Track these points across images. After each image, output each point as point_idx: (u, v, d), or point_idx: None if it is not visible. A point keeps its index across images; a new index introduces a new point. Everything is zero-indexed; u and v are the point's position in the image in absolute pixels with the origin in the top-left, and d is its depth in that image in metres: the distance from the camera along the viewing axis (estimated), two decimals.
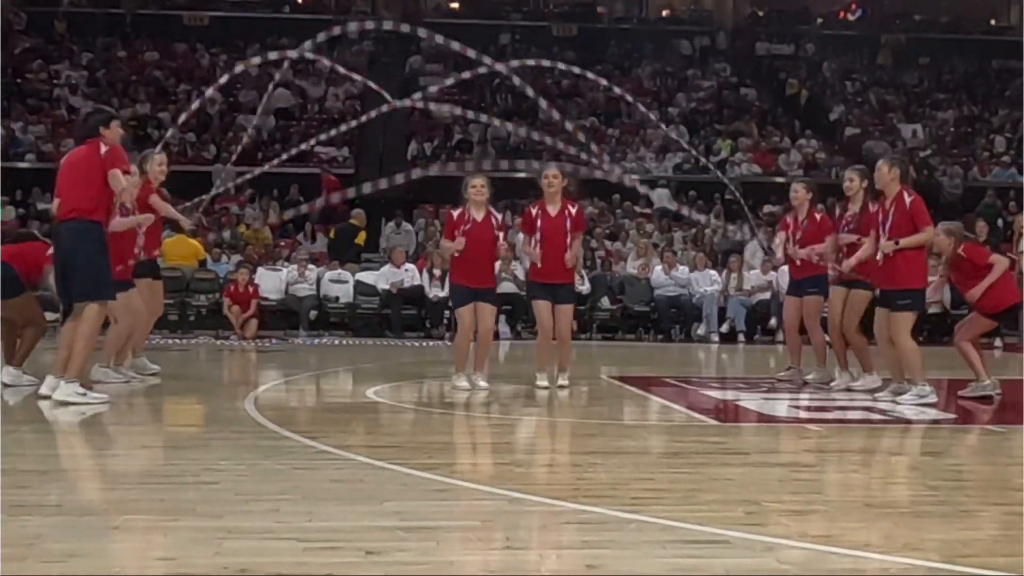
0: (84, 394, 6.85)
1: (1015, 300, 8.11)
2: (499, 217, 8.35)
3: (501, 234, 8.21)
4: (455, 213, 8.21)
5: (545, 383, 8.16)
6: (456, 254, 8.06)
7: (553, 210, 8.13)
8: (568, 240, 8.12)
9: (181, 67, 25.95)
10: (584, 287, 16.54)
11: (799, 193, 8.87)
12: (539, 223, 8.13)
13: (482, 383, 8.11)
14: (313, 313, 16.15)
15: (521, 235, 8.35)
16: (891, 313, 7.47)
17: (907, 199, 7.43)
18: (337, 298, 16.50)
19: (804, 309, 8.86)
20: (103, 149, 6.98)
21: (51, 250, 7.54)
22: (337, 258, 17.35)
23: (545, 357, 8.30)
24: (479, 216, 8.04)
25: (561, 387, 8.18)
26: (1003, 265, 7.93)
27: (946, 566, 3.15)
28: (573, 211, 8.19)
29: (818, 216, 8.77)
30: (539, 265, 8.14)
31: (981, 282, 7.81)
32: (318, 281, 16.58)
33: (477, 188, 8.04)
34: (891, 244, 7.37)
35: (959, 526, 3.71)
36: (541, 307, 8.19)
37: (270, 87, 17.95)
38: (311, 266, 16.78)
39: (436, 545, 3.39)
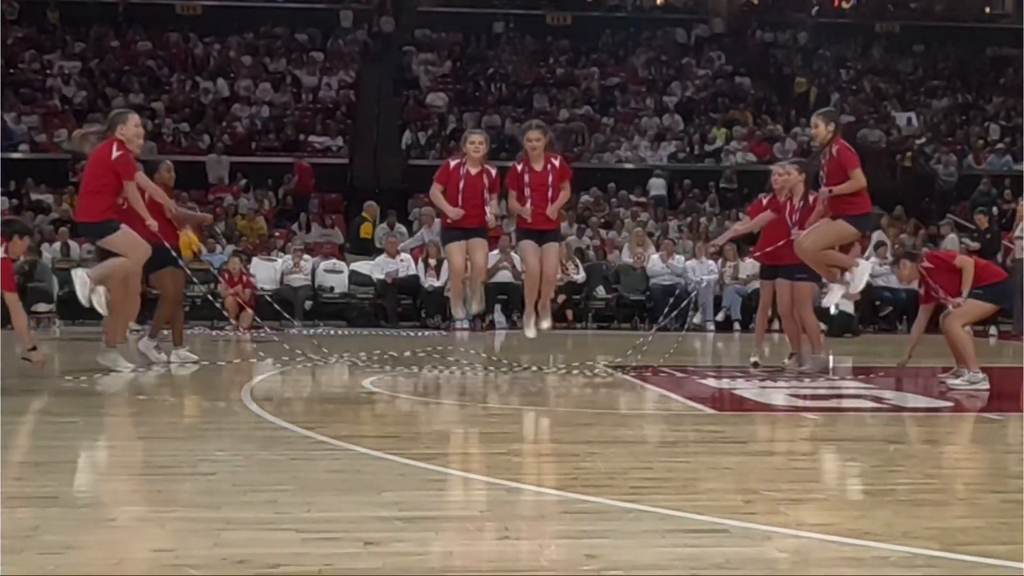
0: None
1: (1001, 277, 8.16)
2: (493, 173, 8.42)
3: (488, 192, 8.29)
4: (452, 163, 8.40)
5: (532, 333, 8.47)
6: (450, 221, 8.26)
7: (537, 166, 8.29)
8: (551, 193, 8.27)
9: (174, 56, 25.87)
10: (580, 276, 16.55)
11: (792, 175, 8.82)
12: (525, 178, 8.28)
13: (475, 307, 8.55)
14: (308, 303, 16.13)
15: (509, 193, 8.47)
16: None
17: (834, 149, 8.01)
18: (332, 288, 16.49)
19: (796, 294, 8.83)
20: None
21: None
22: (355, 250, 17.38)
23: (533, 296, 8.44)
24: (474, 171, 8.25)
25: (541, 330, 8.46)
26: (970, 264, 7.96)
27: (945, 554, 3.15)
28: (556, 163, 8.36)
29: (811, 198, 8.76)
30: (528, 220, 8.27)
31: (963, 287, 7.81)
32: (313, 271, 16.56)
33: (475, 144, 8.26)
34: (826, 191, 8.01)
35: (958, 514, 3.71)
36: (526, 247, 8.36)
37: None
38: (306, 256, 16.75)
39: (435, 535, 3.39)
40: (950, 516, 3.66)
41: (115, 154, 7.79)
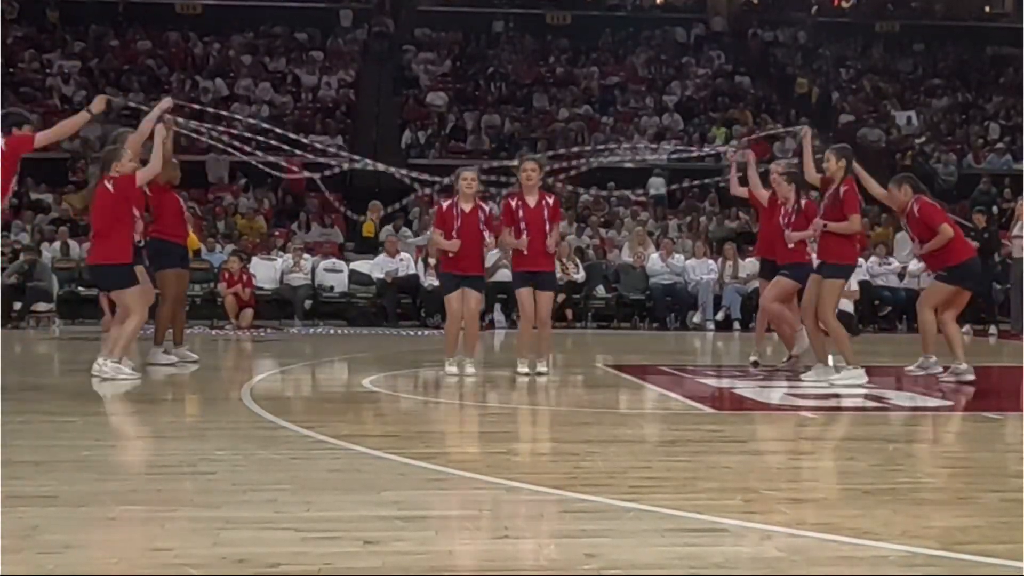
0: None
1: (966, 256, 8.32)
2: (487, 210, 8.60)
3: (486, 228, 8.41)
4: (444, 205, 8.54)
5: (525, 370, 8.38)
6: (451, 255, 8.35)
7: (532, 201, 8.39)
8: (547, 228, 8.36)
9: (174, 56, 25.87)
10: (579, 275, 16.56)
11: (782, 186, 8.85)
12: (520, 214, 8.36)
13: (469, 369, 8.38)
14: (308, 303, 16.14)
15: (504, 230, 8.54)
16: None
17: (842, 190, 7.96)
18: (332, 287, 16.49)
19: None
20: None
21: None
22: (359, 249, 17.38)
23: (526, 345, 8.53)
24: (467, 207, 8.34)
25: (540, 374, 8.32)
26: (948, 234, 8.12)
27: (944, 553, 3.15)
28: (551, 202, 8.48)
29: (804, 202, 8.78)
30: (525, 253, 8.33)
31: (929, 246, 8.13)
32: (313, 270, 16.56)
33: (468, 181, 8.39)
34: (820, 224, 7.99)
35: (957, 513, 3.71)
36: (523, 294, 8.42)
37: None
38: (306, 255, 16.75)
39: (434, 534, 3.39)
40: (949, 515, 3.66)
41: (112, 190, 7.70)
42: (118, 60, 25.42)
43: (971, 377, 8.03)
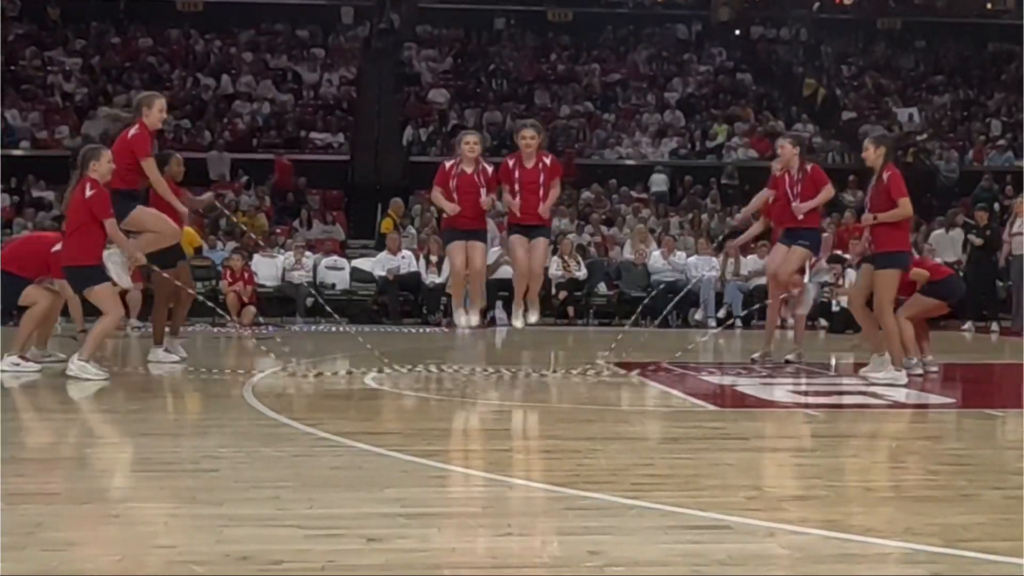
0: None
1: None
2: (488, 171, 8.60)
3: (484, 188, 8.47)
4: (447, 164, 8.65)
5: (520, 324, 8.71)
6: (446, 215, 8.54)
7: (529, 164, 8.47)
8: (541, 192, 8.43)
9: (175, 53, 25.86)
10: (581, 273, 16.55)
11: (786, 148, 8.92)
12: (516, 174, 8.44)
13: (474, 320, 8.73)
14: (309, 300, 16.14)
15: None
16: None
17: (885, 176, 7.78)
18: (333, 285, 16.49)
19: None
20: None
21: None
22: (379, 247, 17.28)
23: (522, 291, 8.67)
24: (469, 169, 8.46)
25: (529, 324, 8.68)
26: (923, 277, 8.18)
27: (947, 550, 3.16)
28: (548, 161, 8.54)
29: (809, 167, 8.84)
30: (518, 214, 8.47)
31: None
32: (314, 268, 16.56)
33: (470, 145, 8.51)
34: (870, 217, 7.76)
35: (960, 510, 3.71)
36: (515, 242, 8.55)
37: None
38: (308, 253, 16.75)
39: (438, 532, 3.39)
40: (952, 512, 3.66)
41: (88, 193, 7.60)
42: (119, 57, 25.40)
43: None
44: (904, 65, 28.46)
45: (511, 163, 8.49)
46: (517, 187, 8.40)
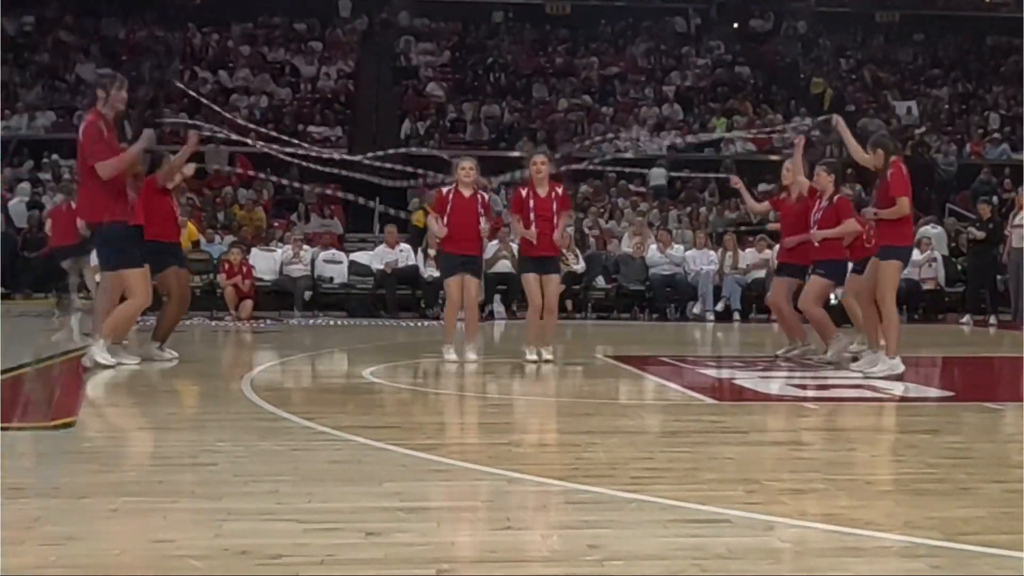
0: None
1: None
2: (485, 197, 8.92)
3: (484, 214, 8.71)
4: (444, 190, 8.93)
5: (534, 357, 8.60)
6: (436, 241, 8.85)
7: (542, 192, 8.70)
8: (555, 220, 8.68)
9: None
10: (579, 266, 16.54)
11: (822, 177, 8.92)
12: (531, 204, 8.65)
13: (471, 355, 8.64)
14: (308, 294, 16.13)
15: (513, 218, 9.02)
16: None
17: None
18: (331, 278, 16.48)
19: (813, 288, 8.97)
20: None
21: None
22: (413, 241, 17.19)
23: (534, 332, 8.77)
24: (466, 193, 8.68)
25: (547, 361, 8.55)
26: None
27: (946, 544, 3.15)
28: (560, 192, 8.80)
29: (836, 199, 8.86)
30: (534, 243, 8.64)
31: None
32: (312, 262, 16.55)
33: (465, 171, 8.74)
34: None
35: (959, 504, 3.71)
36: (530, 279, 8.72)
37: None
38: (306, 247, 16.74)
39: (436, 526, 3.38)
40: (951, 506, 3.66)
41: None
42: (120, 51, 25.40)
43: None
44: (902, 58, 28.44)
45: (524, 193, 8.74)
46: (532, 216, 8.60)
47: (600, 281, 16.86)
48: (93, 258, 9.04)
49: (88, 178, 7.18)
